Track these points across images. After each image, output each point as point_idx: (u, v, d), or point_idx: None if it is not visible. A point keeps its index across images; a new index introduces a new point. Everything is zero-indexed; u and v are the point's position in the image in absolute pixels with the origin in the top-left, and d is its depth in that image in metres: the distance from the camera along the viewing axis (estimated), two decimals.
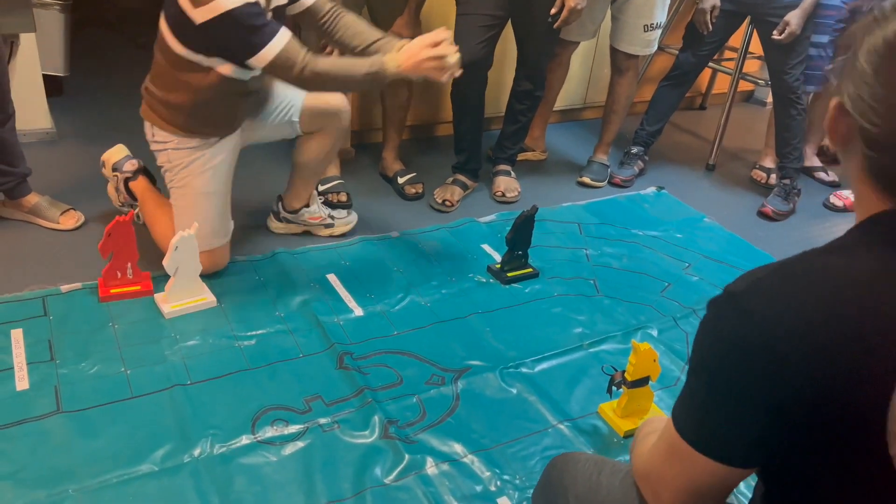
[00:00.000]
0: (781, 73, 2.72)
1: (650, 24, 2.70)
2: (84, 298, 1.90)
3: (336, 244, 2.28)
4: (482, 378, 1.78)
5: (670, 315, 2.10)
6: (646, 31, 2.71)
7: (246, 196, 2.47)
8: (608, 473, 1.01)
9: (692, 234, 2.59)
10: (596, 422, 1.69)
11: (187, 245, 1.84)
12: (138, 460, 1.45)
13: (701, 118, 3.84)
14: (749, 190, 3.05)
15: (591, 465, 1.05)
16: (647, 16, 2.67)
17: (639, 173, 3.02)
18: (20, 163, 2.16)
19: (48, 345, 1.73)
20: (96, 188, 2.39)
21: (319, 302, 1.99)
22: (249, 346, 1.80)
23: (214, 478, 1.43)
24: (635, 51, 2.77)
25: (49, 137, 2.76)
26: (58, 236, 2.18)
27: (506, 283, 2.17)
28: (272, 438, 1.54)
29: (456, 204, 2.64)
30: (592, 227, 2.57)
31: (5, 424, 1.50)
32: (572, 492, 1.03)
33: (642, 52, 2.80)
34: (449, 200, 2.62)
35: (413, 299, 2.06)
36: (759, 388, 0.72)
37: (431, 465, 1.52)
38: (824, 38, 2.78)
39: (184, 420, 1.56)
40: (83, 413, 1.55)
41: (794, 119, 2.78)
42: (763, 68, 3.30)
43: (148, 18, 4.27)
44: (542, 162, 3.12)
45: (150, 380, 1.66)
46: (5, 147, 2.11)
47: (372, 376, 1.75)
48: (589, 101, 3.52)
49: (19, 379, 1.62)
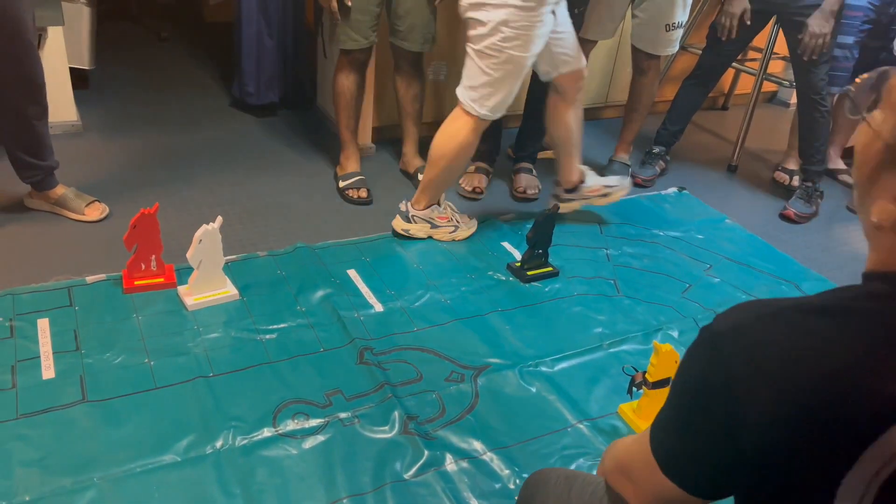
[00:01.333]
0: (806, 74, 2.70)
1: (672, 24, 2.67)
2: (109, 289, 1.92)
3: (356, 240, 2.29)
4: (501, 376, 1.79)
5: (691, 316, 2.09)
6: (668, 30, 2.69)
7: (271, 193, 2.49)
8: (578, 489, 1.01)
9: (713, 235, 2.57)
10: (615, 422, 1.69)
11: (211, 238, 1.85)
12: (161, 450, 1.47)
13: (723, 118, 3.82)
14: (771, 192, 3.03)
15: (562, 481, 1.06)
16: (668, 15, 2.65)
17: (660, 173, 3.01)
18: (49, 156, 2.19)
19: (74, 335, 1.75)
20: (121, 180, 2.42)
21: (340, 297, 2.00)
22: (271, 340, 1.82)
23: (236, 469, 1.44)
24: (657, 51, 2.75)
25: (75, 130, 2.79)
26: (83, 228, 2.21)
27: (526, 281, 2.17)
28: (293, 432, 1.55)
29: (485, 191, 2.68)
30: (613, 226, 2.56)
31: (32, 412, 1.52)
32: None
33: (664, 52, 2.78)
34: (478, 188, 2.68)
35: (433, 296, 2.06)
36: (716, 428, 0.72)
37: (451, 461, 1.52)
38: (850, 39, 2.76)
39: (206, 412, 1.57)
40: (108, 403, 1.57)
41: (818, 121, 2.76)
42: (787, 69, 3.27)
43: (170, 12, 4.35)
44: None
45: (173, 371, 1.68)
46: (37, 140, 2.14)
47: (392, 372, 1.75)
48: (610, 100, 3.51)
49: (45, 368, 1.64)
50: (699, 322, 2.07)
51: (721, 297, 2.20)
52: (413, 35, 2.48)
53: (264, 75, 3.05)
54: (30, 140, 2.12)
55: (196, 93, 3.37)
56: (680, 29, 2.72)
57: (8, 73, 1.98)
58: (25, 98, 2.04)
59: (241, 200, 2.48)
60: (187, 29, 4.23)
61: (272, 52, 3.02)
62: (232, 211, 2.39)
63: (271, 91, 3.09)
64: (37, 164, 2.16)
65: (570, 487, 1.03)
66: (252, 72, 3.04)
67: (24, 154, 2.13)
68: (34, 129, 2.11)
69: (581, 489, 1.01)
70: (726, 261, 2.42)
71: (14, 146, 2.13)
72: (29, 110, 2.06)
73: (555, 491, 1.05)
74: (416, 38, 2.49)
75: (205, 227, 1.84)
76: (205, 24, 4.30)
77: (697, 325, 2.05)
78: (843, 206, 2.94)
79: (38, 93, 2.07)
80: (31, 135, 2.11)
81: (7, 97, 2.02)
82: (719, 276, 2.32)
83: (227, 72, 3.49)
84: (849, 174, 3.15)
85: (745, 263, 2.41)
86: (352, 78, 2.51)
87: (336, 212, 2.49)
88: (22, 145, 2.12)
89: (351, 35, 2.40)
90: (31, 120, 2.08)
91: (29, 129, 2.10)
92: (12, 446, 1.44)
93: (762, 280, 2.32)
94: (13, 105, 2.04)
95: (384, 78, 2.79)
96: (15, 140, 2.12)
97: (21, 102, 2.04)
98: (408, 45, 2.50)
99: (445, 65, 2.96)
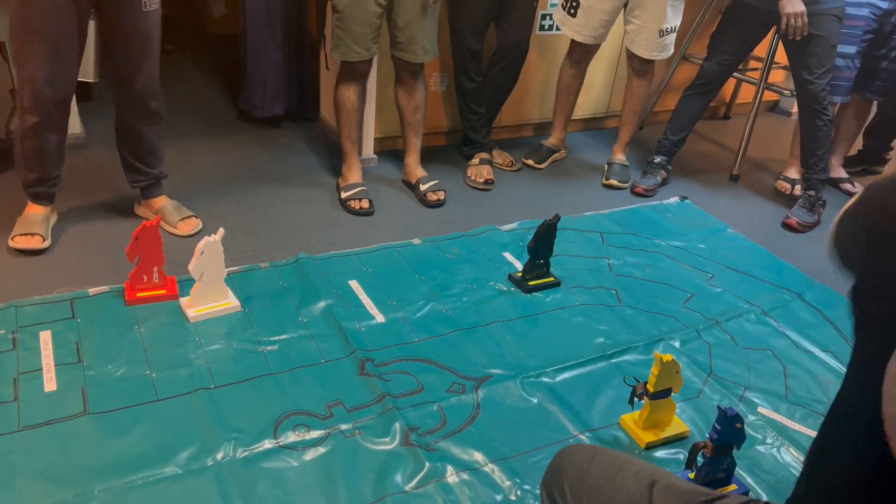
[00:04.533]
0: (807, 84, 2.70)
1: (665, 29, 2.73)
2: (111, 301, 1.93)
3: (358, 251, 2.30)
4: (503, 387, 1.78)
5: (693, 326, 2.09)
6: (661, 35, 2.74)
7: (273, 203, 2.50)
8: (599, 462, 1.09)
9: (715, 244, 2.57)
10: (617, 433, 1.68)
11: (213, 250, 1.86)
12: (163, 462, 1.47)
13: (725, 128, 3.82)
14: (773, 201, 3.02)
15: (585, 454, 1.14)
16: (660, 20, 2.70)
17: (662, 183, 3.01)
18: (157, 165, 2.30)
19: (76, 347, 1.76)
20: (124, 192, 2.43)
21: (342, 308, 2.00)
22: (272, 351, 1.82)
23: (237, 481, 1.44)
24: (652, 56, 2.79)
25: (80, 142, 2.81)
26: (84, 241, 2.22)
27: (527, 291, 2.17)
28: (294, 443, 1.55)
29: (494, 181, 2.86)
30: (615, 236, 2.56)
31: (34, 424, 1.53)
32: (567, 478, 1.11)
33: (659, 57, 2.82)
34: (489, 179, 2.82)
35: (434, 307, 2.06)
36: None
37: (452, 473, 1.52)
38: (851, 49, 2.76)
39: (207, 423, 1.57)
40: (109, 415, 1.57)
41: (821, 130, 2.76)
42: (788, 78, 3.28)
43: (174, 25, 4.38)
44: (563, 164, 3.15)
45: (174, 383, 1.68)
46: (146, 147, 2.25)
47: (393, 383, 1.75)
48: (612, 110, 3.51)
49: (48, 380, 1.65)
50: (701, 332, 2.07)
51: (723, 307, 2.20)
52: (413, 46, 2.49)
53: (269, 88, 3.07)
54: (139, 145, 2.23)
55: (201, 105, 3.39)
56: (673, 33, 2.77)
57: (130, 83, 2.10)
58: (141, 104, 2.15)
59: (243, 211, 2.49)
60: (191, 41, 4.26)
61: (277, 65, 3.04)
62: (234, 222, 2.40)
63: (276, 104, 3.11)
64: (143, 169, 2.28)
65: (592, 459, 1.09)
66: (257, 84, 3.06)
67: (132, 158, 2.25)
68: (142, 135, 2.21)
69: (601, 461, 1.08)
70: (728, 270, 2.41)
71: (123, 148, 2.26)
72: (142, 119, 2.18)
73: (577, 461, 1.12)
74: (417, 49, 2.50)
75: (206, 238, 1.85)
76: (209, 36, 4.33)
77: (699, 336, 2.05)
78: None
79: (157, 100, 2.18)
80: (140, 139, 2.22)
81: (124, 101, 2.15)
82: (721, 286, 2.31)
83: (232, 84, 3.52)
84: (851, 183, 3.15)
85: (748, 273, 2.40)
86: (353, 89, 2.52)
87: (338, 223, 2.49)
88: (129, 148, 2.24)
89: (352, 47, 2.41)
90: (142, 126, 2.19)
91: (138, 134, 2.21)
92: (15, 458, 1.44)
93: (764, 289, 2.32)
94: (128, 109, 2.17)
95: (386, 89, 2.80)
96: (125, 143, 2.24)
97: (137, 108, 2.16)
98: (408, 56, 2.52)
99: (447, 75, 2.97)
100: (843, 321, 2.19)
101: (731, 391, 1.85)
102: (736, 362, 1.96)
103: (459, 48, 2.78)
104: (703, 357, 1.97)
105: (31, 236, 2.12)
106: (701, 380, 1.88)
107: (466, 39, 2.74)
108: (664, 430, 1.67)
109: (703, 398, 1.82)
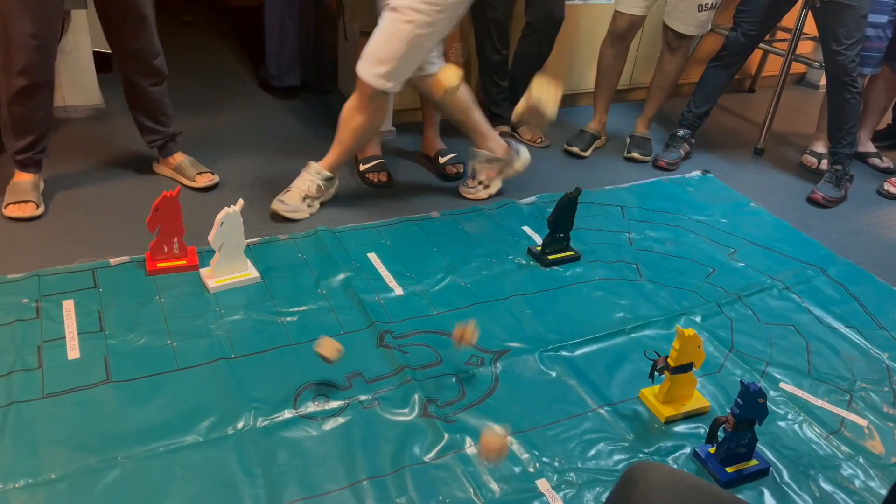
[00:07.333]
0: (836, 55, 2.63)
1: (705, 4, 2.66)
2: (132, 272, 1.94)
3: (376, 223, 2.29)
4: (522, 360, 1.78)
5: (714, 301, 2.07)
6: (700, 10, 2.67)
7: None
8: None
9: (738, 219, 2.53)
10: (637, 407, 1.68)
11: (232, 221, 1.86)
12: (184, 431, 1.48)
13: (749, 101, 3.75)
14: (799, 175, 2.97)
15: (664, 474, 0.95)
16: None
17: (684, 156, 2.97)
18: (170, 122, 2.37)
19: (98, 316, 1.77)
20: (143, 162, 2.44)
21: (360, 280, 2.00)
22: (292, 322, 1.82)
23: (257, 450, 1.45)
24: (689, 31, 2.73)
25: (99, 113, 2.81)
26: (106, 212, 2.23)
27: (546, 265, 2.16)
28: (314, 413, 1.56)
29: None
30: (636, 210, 2.53)
31: (58, 392, 1.55)
32: None
33: (695, 33, 2.76)
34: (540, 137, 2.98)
35: (453, 280, 2.05)
36: None
37: (470, 444, 1.52)
38: (883, 19, 2.69)
39: (228, 393, 1.58)
40: (131, 383, 1.59)
41: (849, 102, 2.69)
42: (817, 49, 3.20)
43: None
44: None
45: (195, 352, 1.69)
46: (156, 106, 2.32)
47: (412, 355, 1.75)
48: (634, 83, 3.46)
49: (71, 348, 1.67)
50: (723, 307, 2.04)
51: (745, 282, 2.17)
52: None
53: (286, 57, 3.06)
54: (149, 106, 2.30)
55: (220, 76, 3.38)
56: (712, 10, 2.70)
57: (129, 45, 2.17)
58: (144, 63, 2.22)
59: (263, 183, 2.48)
60: (210, 12, 4.24)
61: (294, 35, 3.02)
62: (253, 194, 2.40)
63: (292, 74, 3.10)
64: (157, 128, 2.35)
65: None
66: (274, 54, 3.04)
67: (145, 118, 2.32)
68: (150, 95, 2.28)
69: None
70: (751, 245, 2.38)
71: (136, 111, 2.33)
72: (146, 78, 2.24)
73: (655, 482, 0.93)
74: None
75: (226, 209, 1.85)
76: (227, 7, 4.30)
77: (721, 311, 2.03)
78: (873, 191, 2.88)
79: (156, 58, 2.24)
80: (149, 100, 2.29)
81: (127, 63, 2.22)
82: (744, 261, 2.28)
83: (252, 54, 3.50)
84: (879, 157, 3.08)
85: (771, 248, 2.37)
86: None
87: (356, 195, 2.48)
88: (141, 110, 2.31)
89: (371, 17, 2.38)
90: (147, 85, 2.26)
91: (146, 94, 2.28)
92: (39, 425, 1.46)
93: (787, 264, 2.29)
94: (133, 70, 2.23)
95: None
96: (136, 105, 2.32)
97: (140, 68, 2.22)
98: None
99: (466, 46, 2.93)
100: (867, 297, 2.15)
101: (752, 367, 1.83)
102: (758, 338, 1.94)
103: (481, 17, 2.73)
104: (724, 332, 1.95)
105: (25, 204, 2.14)
106: (722, 355, 1.86)
107: (487, 7, 2.68)
108: (684, 405, 1.65)
109: (724, 373, 1.80)
